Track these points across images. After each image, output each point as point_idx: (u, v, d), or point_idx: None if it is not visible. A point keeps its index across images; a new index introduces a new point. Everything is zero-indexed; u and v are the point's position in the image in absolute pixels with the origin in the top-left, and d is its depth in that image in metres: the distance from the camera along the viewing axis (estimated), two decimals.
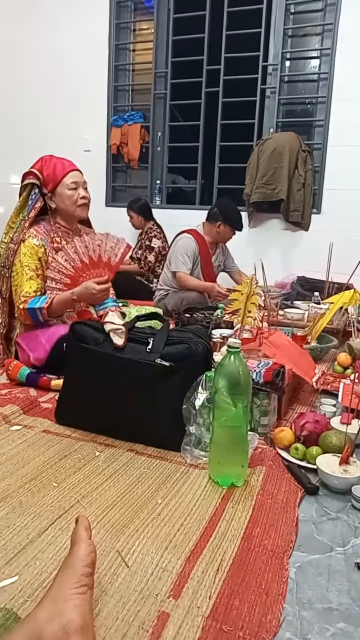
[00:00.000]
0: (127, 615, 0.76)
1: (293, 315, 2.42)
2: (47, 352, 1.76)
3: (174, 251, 3.16)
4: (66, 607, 0.66)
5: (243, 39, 3.82)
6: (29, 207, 1.88)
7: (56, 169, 1.88)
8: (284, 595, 0.81)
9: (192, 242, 3.15)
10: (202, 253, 3.20)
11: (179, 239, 3.20)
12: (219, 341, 1.84)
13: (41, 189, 1.89)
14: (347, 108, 3.55)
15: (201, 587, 0.82)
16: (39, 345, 1.79)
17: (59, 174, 1.88)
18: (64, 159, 1.94)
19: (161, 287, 3.30)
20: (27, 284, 1.83)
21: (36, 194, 1.88)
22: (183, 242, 3.15)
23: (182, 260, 3.11)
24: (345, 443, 1.20)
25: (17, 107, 4.59)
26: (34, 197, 1.89)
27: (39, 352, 1.78)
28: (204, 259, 3.23)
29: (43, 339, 1.79)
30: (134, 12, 4.30)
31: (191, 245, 3.14)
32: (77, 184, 1.90)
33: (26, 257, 1.83)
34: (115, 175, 4.49)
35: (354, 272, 2.22)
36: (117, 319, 1.41)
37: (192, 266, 3.16)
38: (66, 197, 1.89)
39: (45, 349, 1.77)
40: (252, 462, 1.22)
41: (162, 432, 1.31)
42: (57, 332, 1.77)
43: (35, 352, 1.79)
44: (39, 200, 1.89)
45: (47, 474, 1.16)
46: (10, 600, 0.77)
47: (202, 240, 3.20)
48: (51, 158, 1.92)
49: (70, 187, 1.89)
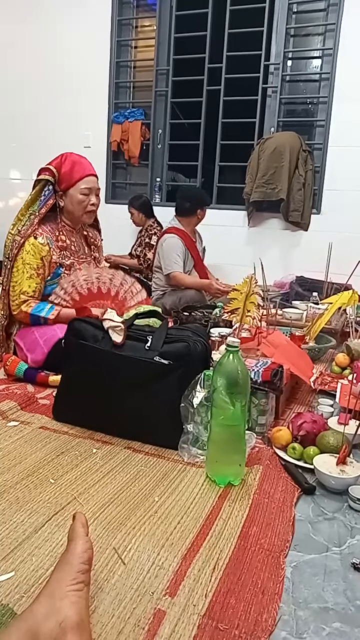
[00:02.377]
0: (123, 613, 0.76)
1: (291, 315, 2.42)
2: (45, 354, 1.76)
3: (163, 254, 3.17)
4: (63, 603, 0.66)
5: (245, 37, 3.81)
6: (41, 203, 1.86)
7: (73, 170, 1.86)
8: (280, 595, 0.81)
9: (177, 239, 3.17)
10: (189, 246, 3.24)
11: (163, 240, 3.21)
12: (218, 340, 1.84)
13: (54, 186, 1.88)
14: (348, 108, 3.55)
15: (197, 585, 0.82)
16: (37, 347, 1.79)
17: (75, 175, 1.86)
18: (84, 159, 1.91)
19: (156, 289, 3.30)
20: (26, 283, 1.82)
21: (50, 191, 1.86)
22: (169, 242, 3.16)
23: (174, 260, 3.12)
24: (342, 443, 1.20)
25: (18, 103, 4.58)
26: (47, 193, 1.86)
27: (37, 354, 1.78)
28: (192, 251, 3.27)
29: (41, 341, 1.78)
30: (136, 9, 4.30)
31: (178, 244, 3.15)
32: (90, 190, 1.89)
33: (29, 255, 1.82)
34: (115, 172, 4.49)
35: (352, 273, 2.22)
36: (116, 316, 1.41)
37: (184, 263, 3.17)
38: (76, 201, 1.88)
39: (43, 352, 1.77)
40: (249, 461, 1.22)
41: (159, 430, 1.31)
42: (55, 335, 1.77)
43: (33, 354, 1.79)
44: (51, 197, 1.86)
45: (44, 471, 1.15)
46: (6, 596, 0.77)
47: (184, 234, 3.23)
48: (71, 156, 1.88)
49: (83, 192, 1.87)
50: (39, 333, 1.81)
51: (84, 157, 1.93)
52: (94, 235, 2.10)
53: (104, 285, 1.86)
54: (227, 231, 3.94)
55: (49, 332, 1.80)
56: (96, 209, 1.96)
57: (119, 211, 4.05)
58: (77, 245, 1.98)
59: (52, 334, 1.78)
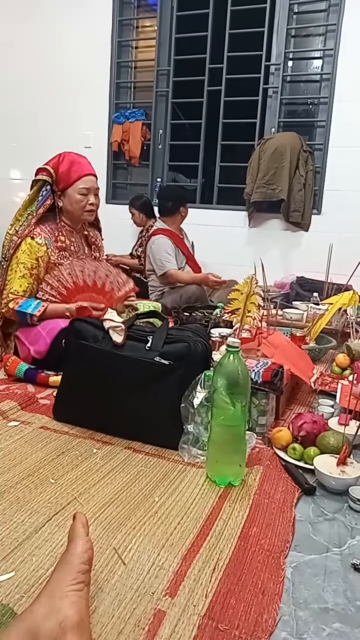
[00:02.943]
0: (123, 613, 0.76)
1: (292, 315, 2.42)
2: (48, 344, 1.76)
3: (154, 255, 3.18)
4: (63, 603, 0.66)
5: (246, 38, 3.81)
6: (38, 203, 1.86)
7: (71, 170, 1.85)
8: (280, 595, 0.81)
9: (166, 239, 3.19)
10: (178, 244, 3.26)
11: (152, 243, 3.23)
12: (218, 340, 1.84)
13: (52, 186, 1.87)
14: (348, 109, 3.55)
15: (197, 585, 0.82)
16: (40, 338, 1.78)
17: (73, 175, 1.85)
18: (82, 158, 1.90)
19: (153, 290, 3.31)
20: (17, 282, 1.82)
21: (47, 191, 1.85)
22: (158, 243, 3.18)
23: (166, 259, 3.14)
24: (342, 444, 1.20)
25: (18, 103, 4.57)
26: (44, 193, 1.85)
27: (40, 345, 1.77)
28: (182, 248, 3.29)
29: (44, 332, 1.78)
30: (137, 9, 4.29)
31: (167, 243, 3.17)
32: (88, 190, 1.88)
33: (24, 255, 1.82)
34: (115, 172, 4.48)
35: (353, 274, 2.22)
36: (117, 317, 1.41)
37: (176, 260, 3.19)
38: (74, 201, 1.87)
39: (46, 342, 1.76)
40: (249, 462, 1.22)
41: (160, 431, 1.31)
42: (58, 325, 1.77)
43: (35, 345, 1.78)
44: (49, 197, 1.86)
45: (44, 471, 1.16)
46: (7, 596, 0.77)
47: (172, 233, 3.24)
48: (69, 156, 1.87)
49: (81, 192, 1.86)
50: (41, 325, 1.81)
51: (82, 156, 1.91)
52: (95, 235, 2.10)
53: (89, 277, 1.85)
54: (228, 231, 3.94)
55: (52, 323, 1.79)
56: (96, 209, 1.95)
57: (119, 211, 4.05)
58: (77, 245, 1.98)
59: (55, 324, 1.78)
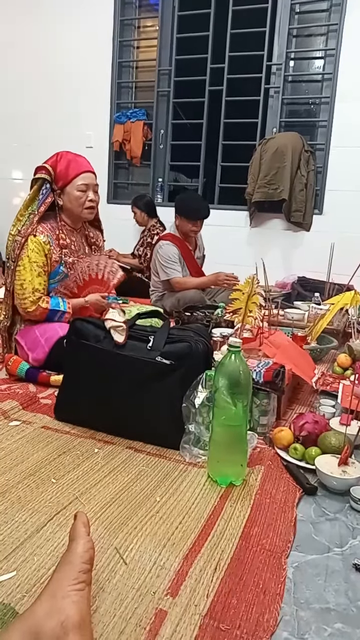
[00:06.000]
0: (124, 613, 0.76)
1: (293, 315, 2.42)
2: (46, 353, 1.77)
3: (160, 262, 3.15)
4: (64, 603, 0.66)
5: (248, 38, 3.81)
6: (39, 202, 1.86)
7: (69, 168, 1.85)
8: (282, 595, 0.81)
9: (172, 246, 3.14)
10: (184, 253, 3.20)
11: (158, 248, 3.19)
12: (220, 340, 1.84)
13: (52, 185, 1.87)
14: (350, 109, 3.55)
15: (199, 585, 0.82)
16: (38, 345, 1.79)
17: (71, 173, 1.85)
18: (80, 157, 1.91)
19: (155, 290, 3.30)
20: (36, 280, 1.81)
21: (47, 189, 1.85)
22: (163, 250, 3.14)
23: (171, 267, 3.10)
24: (344, 444, 1.20)
25: (19, 103, 4.58)
26: (44, 192, 1.85)
27: (38, 353, 1.78)
28: (187, 258, 3.23)
29: (42, 340, 1.79)
30: (138, 9, 4.29)
31: (172, 250, 3.13)
32: (87, 186, 1.87)
33: (34, 253, 1.81)
34: (117, 172, 4.48)
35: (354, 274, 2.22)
36: (118, 316, 1.41)
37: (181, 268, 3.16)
38: (74, 198, 1.87)
39: (44, 351, 1.77)
40: (250, 462, 1.22)
41: (161, 430, 1.31)
42: (56, 334, 1.77)
43: (34, 353, 1.79)
44: (49, 195, 1.86)
45: (45, 470, 1.16)
46: (8, 595, 0.77)
47: (179, 240, 3.20)
48: (67, 155, 1.88)
49: (80, 189, 1.86)
50: (40, 331, 1.82)
51: (80, 155, 1.92)
52: (96, 235, 2.10)
53: (93, 271, 1.93)
54: (229, 231, 3.94)
55: (50, 331, 1.80)
56: (96, 205, 1.95)
57: (120, 211, 4.05)
58: (77, 245, 1.97)
59: (53, 333, 1.78)
